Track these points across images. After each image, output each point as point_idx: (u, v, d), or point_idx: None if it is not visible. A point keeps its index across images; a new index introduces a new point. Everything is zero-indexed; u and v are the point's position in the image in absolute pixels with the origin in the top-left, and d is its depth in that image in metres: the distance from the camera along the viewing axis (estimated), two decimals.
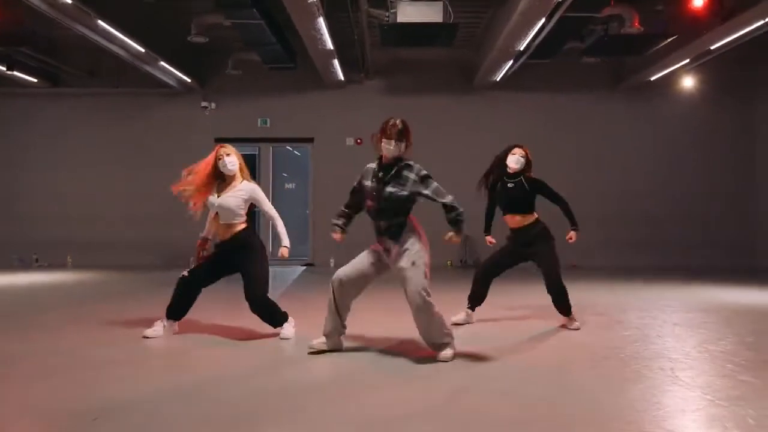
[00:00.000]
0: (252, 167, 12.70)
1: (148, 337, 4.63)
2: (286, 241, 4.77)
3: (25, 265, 11.23)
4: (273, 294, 5.10)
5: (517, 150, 5.23)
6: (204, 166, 4.61)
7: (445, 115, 11.58)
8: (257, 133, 11.85)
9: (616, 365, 3.86)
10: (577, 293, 7.79)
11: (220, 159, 4.57)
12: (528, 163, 5.25)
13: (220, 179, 4.64)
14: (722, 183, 11.47)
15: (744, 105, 11.46)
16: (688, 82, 10.72)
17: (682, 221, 11.38)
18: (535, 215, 5.22)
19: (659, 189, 11.47)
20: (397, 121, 3.91)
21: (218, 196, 4.59)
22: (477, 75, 10.78)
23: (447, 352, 3.97)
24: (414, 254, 3.91)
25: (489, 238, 5.50)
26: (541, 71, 10.95)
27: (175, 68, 10.23)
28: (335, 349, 4.17)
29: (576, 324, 5.17)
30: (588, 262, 11.13)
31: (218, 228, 4.67)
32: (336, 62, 9.85)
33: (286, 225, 4.83)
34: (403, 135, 3.90)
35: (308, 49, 9.15)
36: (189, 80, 11.00)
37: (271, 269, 4.91)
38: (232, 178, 4.64)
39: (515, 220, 5.21)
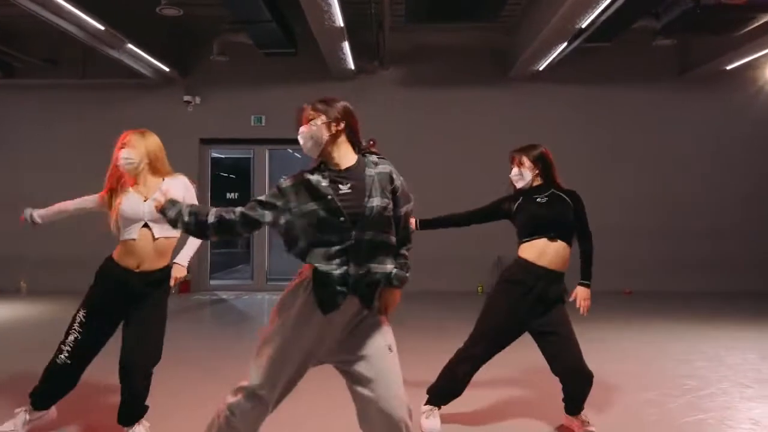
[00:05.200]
0: (245, 173, 10.99)
1: None
2: (185, 258, 3.27)
3: None
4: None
5: (514, 158, 3.39)
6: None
7: (474, 111, 9.72)
8: (250, 134, 9.96)
9: None
10: (651, 335, 6.12)
11: (121, 147, 3.15)
12: (546, 171, 3.35)
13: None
14: None
15: None
16: None
17: (760, 236, 9.51)
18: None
19: (732, 198, 9.58)
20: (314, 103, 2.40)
21: (144, 200, 3.10)
22: (516, 63, 8.89)
23: None
24: (388, 332, 2.36)
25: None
26: (591, 59, 9.14)
27: (148, 53, 8.34)
28: None
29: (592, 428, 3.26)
30: (643, 287, 9.28)
31: (142, 253, 3.07)
32: (346, 45, 7.96)
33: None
34: (317, 110, 2.36)
35: (312, 29, 7.28)
36: (167, 69, 9.10)
37: (266, 296, 3.27)
38: (142, 178, 3.15)
39: (551, 253, 3.25)
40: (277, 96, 9.78)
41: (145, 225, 3.09)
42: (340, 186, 2.28)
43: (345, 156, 2.35)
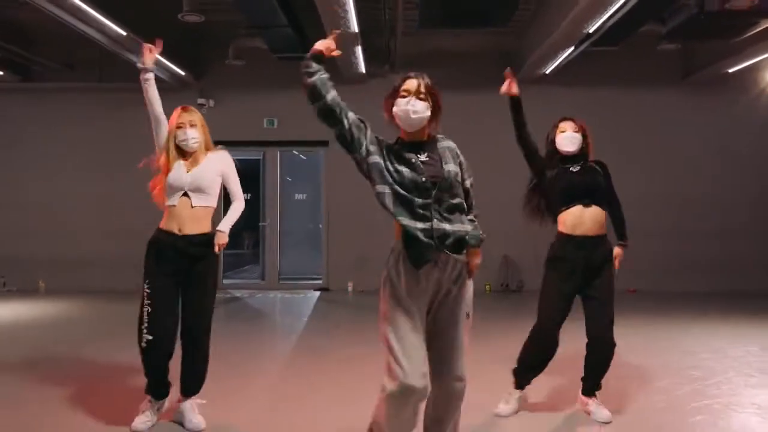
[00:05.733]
0: (256, 174, 11.17)
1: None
2: (227, 225, 3.48)
3: None
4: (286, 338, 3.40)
5: (566, 124, 3.62)
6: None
7: (483, 114, 9.85)
8: (263, 136, 10.17)
9: None
10: (656, 335, 6.19)
11: (180, 128, 3.43)
12: (587, 145, 3.62)
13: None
14: None
15: None
16: None
17: (765, 237, 9.69)
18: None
19: (736, 199, 9.75)
20: (423, 75, 2.62)
21: (187, 171, 3.40)
22: (523, 66, 9.08)
23: None
24: (469, 299, 2.63)
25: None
26: (598, 62, 9.32)
27: (165, 58, 8.54)
28: None
29: (606, 412, 3.47)
30: (648, 286, 9.45)
31: (182, 219, 3.37)
32: (359, 50, 8.17)
33: (295, 241, 3.42)
34: (430, 91, 2.59)
35: (327, 32, 7.46)
36: (183, 73, 9.32)
37: (278, 294, 3.60)
38: (195, 154, 3.45)
39: (587, 219, 3.46)
40: (289, 99, 9.95)
41: (185, 194, 3.36)
42: (419, 155, 2.56)
43: (423, 133, 2.63)
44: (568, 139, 3.55)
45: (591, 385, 3.55)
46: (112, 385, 4.34)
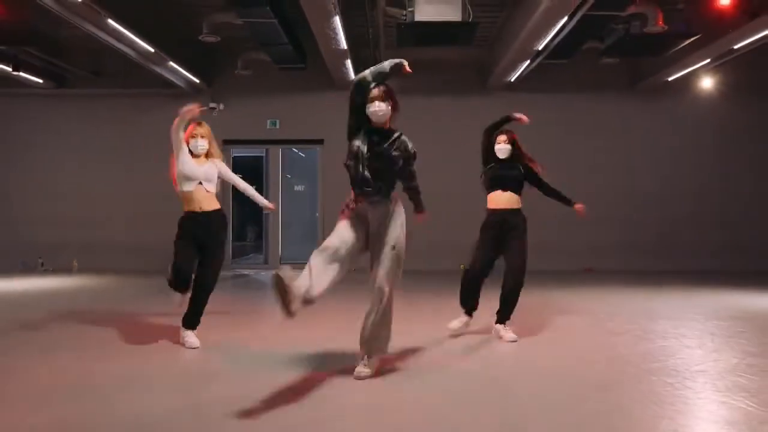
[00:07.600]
0: (260, 169, 12.60)
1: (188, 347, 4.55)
2: (263, 200, 5.19)
3: (29, 269, 10.99)
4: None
5: (501, 137, 5.00)
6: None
7: (458, 117, 11.34)
8: (266, 135, 11.62)
9: (664, 382, 3.64)
10: (600, 299, 7.67)
11: (193, 138, 4.57)
12: (518, 152, 5.02)
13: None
14: (742, 184, 11.26)
15: (765, 105, 11.23)
16: (707, 83, 10.51)
17: (701, 224, 11.17)
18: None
19: (677, 191, 11.25)
20: (380, 86, 3.77)
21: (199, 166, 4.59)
22: (491, 76, 10.55)
23: (365, 370, 3.75)
24: (396, 238, 3.71)
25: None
26: (556, 72, 10.72)
27: (183, 68, 10.00)
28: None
29: (512, 335, 4.85)
30: (602, 266, 10.94)
31: (200, 199, 4.53)
32: (348, 62, 9.62)
33: (296, 228, 4.87)
34: (388, 95, 3.77)
35: (321, 49, 8.93)
36: (197, 81, 10.77)
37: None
38: (201, 157, 4.63)
39: (503, 199, 4.93)
40: (289, 103, 11.47)
41: (200, 182, 4.54)
42: (373, 138, 3.73)
43: (385, 125, 3.81)
44: (501, 150, 5.02)
45: (502, 315, 4.94)
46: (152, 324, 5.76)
